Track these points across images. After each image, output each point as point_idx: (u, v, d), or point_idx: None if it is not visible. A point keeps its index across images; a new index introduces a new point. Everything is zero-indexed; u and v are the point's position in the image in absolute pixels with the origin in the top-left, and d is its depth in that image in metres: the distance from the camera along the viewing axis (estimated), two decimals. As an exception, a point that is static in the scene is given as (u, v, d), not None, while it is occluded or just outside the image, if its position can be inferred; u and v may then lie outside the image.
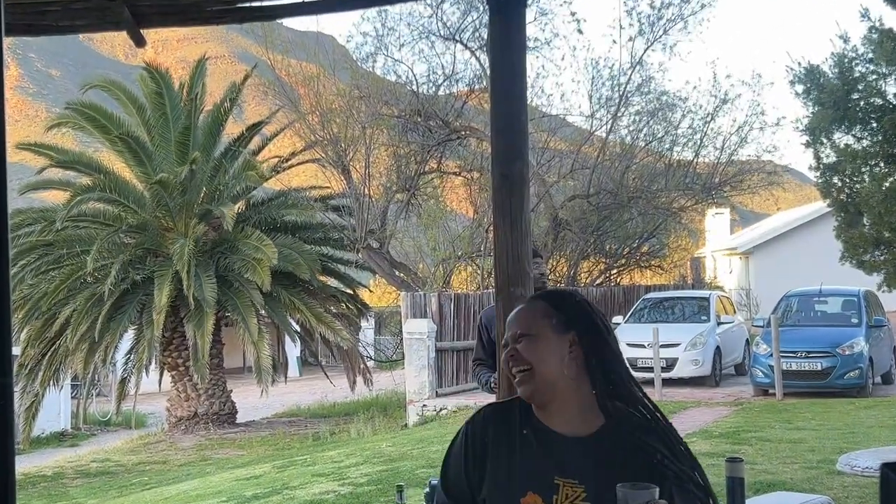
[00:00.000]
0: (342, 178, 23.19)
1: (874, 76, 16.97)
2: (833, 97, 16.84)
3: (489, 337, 6.00)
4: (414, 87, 23.45)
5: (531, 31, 23.39)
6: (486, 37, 20.63)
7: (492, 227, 4.51)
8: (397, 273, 24.15)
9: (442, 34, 23.09)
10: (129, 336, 20.34)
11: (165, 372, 21.35)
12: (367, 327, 32.66)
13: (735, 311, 21.34)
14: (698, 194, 25.50)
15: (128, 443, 20.18)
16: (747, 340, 20.20)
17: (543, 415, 2.26)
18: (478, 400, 17.47)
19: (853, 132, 17.43)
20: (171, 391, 21.37)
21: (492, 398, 4.89)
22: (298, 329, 22.13)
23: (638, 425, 2.20)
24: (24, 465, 17.92)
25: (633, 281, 29.38)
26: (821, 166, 17.68)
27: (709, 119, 25.41)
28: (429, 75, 23.94)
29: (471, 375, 19.10)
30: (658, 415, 2.24)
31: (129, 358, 20.42)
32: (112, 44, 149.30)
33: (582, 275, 27.12)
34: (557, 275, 26.82)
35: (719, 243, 39.41)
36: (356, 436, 17.46)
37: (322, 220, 23.08)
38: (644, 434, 2.19)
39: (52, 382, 19.85)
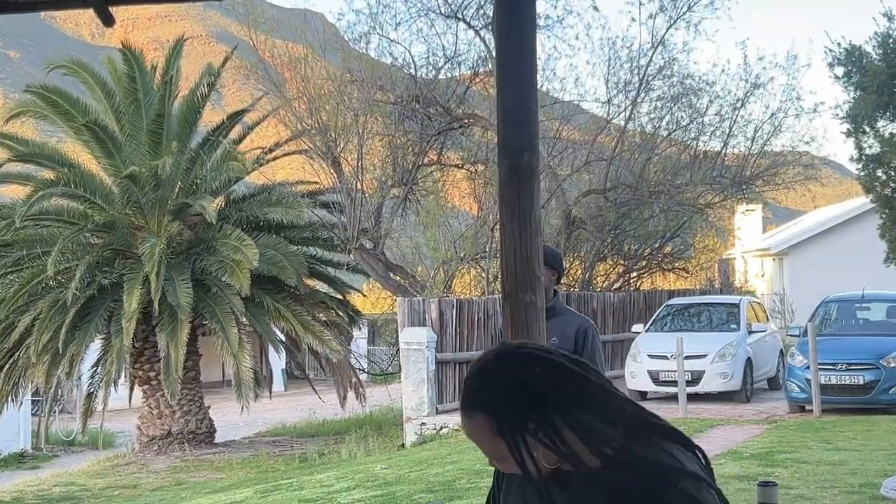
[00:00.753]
0: (332, 171, 23.19)
1: (922, 58, 16.98)
2: (877, 81, 16.84)
3: None
4: (412, 71, 23.46)
5: (541, 7, 23.45)
6: (491, 14, 20.64)
7: (498, 226, 4.51)
8: (393, 276, 24.14)
9: (443, 11, 23.11)
10: (95, 347, 20.33)
11: (136, 386, 21.35)
12: (360, 336, 32.67)
13: (768, 319, 21.35)
14: (727, 189, 25.51)
15: (94, 465, 20.18)
16: (781, 351, 20.19)
17: None
18: (482, 417, 17.45)
19: (899, 120, 17.43)
20: (142, 407, 21.37)
21: None
22: (283, 339, 22.11)
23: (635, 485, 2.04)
24: (-20, 489, 17.94)
25: (654, 285, 29.36)
26: (863, 157, 17.70)
27: (739, 105, 25.43)
28: (428, 57, 23.96)
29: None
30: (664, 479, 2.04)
31: (95, 371, 20.42)
32: (77, 22, 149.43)
33: (598, 278, 27.09)
34: (571, 278, 26.82)
35: (750, 243, 39.40)
36: (347, 457, 17.45)
37: (310, 217, 23.07)
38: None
39: (10, 398, 19.84)
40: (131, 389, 21.67)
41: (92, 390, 20.32)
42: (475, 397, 2.09)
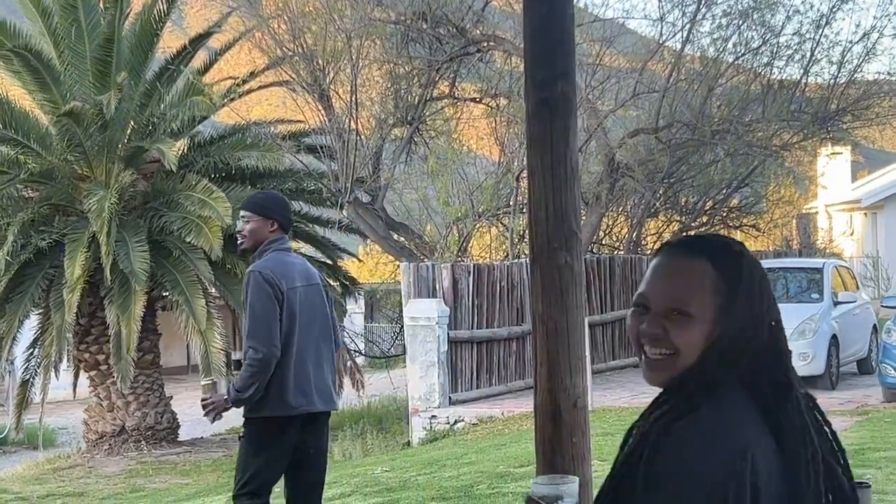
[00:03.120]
0: (320, 107, 23.16)
1: None
2: None
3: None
4: (417, -18, 23.35)
5: None
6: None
7: (525, 174, 4.51)
8: (396, 237, 24.16)
9: None
10: (31, 324, 20.40)
11: (82, 372, 21.45)
12: (355, 311, 32.73)
13: (858, 287, 21.32)
14: (808, 126, 25.39)
15: (31, 468, 20.33)
16: (875, 327, 20.18)
17: None
18: (507, 409, 17.54)
19: None
20: (89, 398, 21.48)
21: None
22: (262, 313, 22.15)
23: None
24: None
25: (718, 246, 29.26)
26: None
27: (823, 23, 25.26)
28: (438, -35, 23.80)
29: (496, 377, 19.22)
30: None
31: (31, 354, 20.50)
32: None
33: (648, 238, 27.09)
34: (615, 238, 26.83)
35: (836, 194, 39.29)
36: (341, 458, 17.54)
37: (293, 164, 23.08)
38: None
39: (-72, 387, 19.95)
40: (76, 376, 21.77)
41: (27, 377, 20.41)
42: (712, 245, 2.41)
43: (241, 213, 7.04)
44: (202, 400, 7.07)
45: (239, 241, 7.09)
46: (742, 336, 2.30)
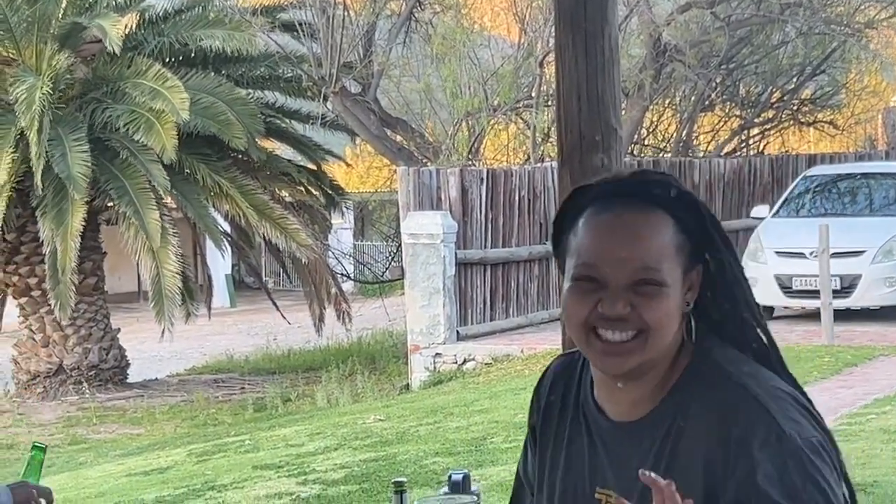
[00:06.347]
0: (299, -26, 23.04)
1: None
2: None
3: None
4: None
5: None
6: None
7: (553, 56, 4.45)
8: (392, 135, 24.09)
9: None
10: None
11: (10, 299, 21.50)
12: (342, 226, 32.75)
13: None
14: (899, 0, 25.26)
15: (-50, 415, 20.47)
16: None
17: (600, 386, 2.34)
18: (526, 345, 17.59)
19: None
20: (19, 331, 21.55)
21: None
22: (228, 229, 22.16)
23: (730, 406, 2.18)
24: None
25: (786, 147, 29.24)
26: None
27: None
28: None
29: (514, 306, 19.24)
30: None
31: (-51, 277, 20.57)
32: None
33: (701, 137, 27.01)
34: (661, 137, 26.75)
35: (933, 84, 39.04)
36: (325, 404, 17.61)
37: (266, 46, 22.96)
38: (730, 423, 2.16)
39: None
40: (3, 304, 21.83)
41: (-55, 306, 20.49)
42: (657, 183, 2.26)
43: None
44: None
45: None
46: (718, 294, 2.29)
